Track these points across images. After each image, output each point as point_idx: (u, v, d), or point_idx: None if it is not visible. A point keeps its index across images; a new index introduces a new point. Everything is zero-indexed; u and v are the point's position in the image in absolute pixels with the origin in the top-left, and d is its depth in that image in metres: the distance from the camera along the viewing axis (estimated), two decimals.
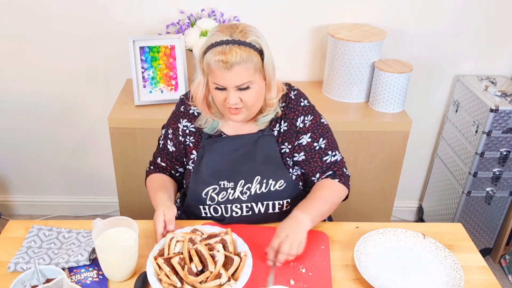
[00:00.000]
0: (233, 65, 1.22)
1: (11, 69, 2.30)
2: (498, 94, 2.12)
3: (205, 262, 1.16)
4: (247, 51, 1.23)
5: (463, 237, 1.42)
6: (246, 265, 1.18)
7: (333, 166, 1.46)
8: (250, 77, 1.26)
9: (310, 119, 1.43)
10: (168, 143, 1.51)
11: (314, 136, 1.43)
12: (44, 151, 2.52)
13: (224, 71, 1.23)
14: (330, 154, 1.45)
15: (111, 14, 2.18)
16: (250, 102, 1.31)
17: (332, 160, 1.45)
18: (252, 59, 1.24)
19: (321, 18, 2.23)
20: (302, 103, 1.43)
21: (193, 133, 1.46)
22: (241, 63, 1.23)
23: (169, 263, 1.17)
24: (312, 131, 1.43)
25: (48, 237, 1.35)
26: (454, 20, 2.23)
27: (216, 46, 1.23)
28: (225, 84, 1.26)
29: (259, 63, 1.27)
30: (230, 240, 1.24)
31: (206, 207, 1.43)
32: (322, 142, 1.44)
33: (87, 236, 1.36)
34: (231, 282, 1.14)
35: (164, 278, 1.15)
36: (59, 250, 1.31)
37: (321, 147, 1.44)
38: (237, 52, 1.22)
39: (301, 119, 1.42)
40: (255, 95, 1.30)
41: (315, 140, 1.43)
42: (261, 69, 1.29)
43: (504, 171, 2.19)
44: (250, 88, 1.28)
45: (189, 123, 1.46)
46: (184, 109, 1.47)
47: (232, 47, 1.22)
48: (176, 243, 1.23)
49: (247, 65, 1.24)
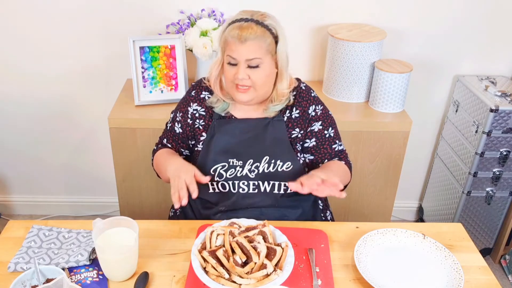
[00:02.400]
0: (247, 39, 1.31)
1: (11, 69, 2.30)
2: (498, 94, 2.12)
3: (248, 254, 1.19)
4: (262, 31, 1.33)
5: (463, 237, 1.42)
6: (289, 255, 1.21)
7: (340, 154, 1.56)
8: (261, 55, 1.34)
9: (321, 109, 1.52)
10: (175, 125, 1.56)
11: (325, 124, 1.53)
12: (44, 151, 2.52)
13: (238, 44, 1.32)
14: (337, 143, 1.55)
15: (111, 14, 2.18)
16: (258, 82, 1.37)
17: (339, 149, 1.56)
18: (266, 39, 1.33)
19: (321, 18, 2.23)
20: (312, 93, 1.53)
21: (203, 117, 1.51)
22: (254, 39, 1.32)
23: (214, 255, 1.19)
24: (323, 120, 1.52)
25: (48, 237, 1.35)
26: (454, 20, 2.23)
27: (236, 22, 1.34)
28: (237, 57, 1.34)
29: (272, 45, 1.36)
30: (269, 231, 1.27)
31: (214, 183, 1.47)
32: (331, 131, 1.54)
33: (87, 236, 1.36)
34: (278, 272, 1.17)
35: (211, 270, 1.17)
36: (59, 250, 1.31)
37: (331, 135, 1.53)
38: (253, 29, 1.32)
39: (312, 108, 1.50)
40: (264, 75, 1.37)
41: (325, 128, 1.53)
42: (274, 53, 1.37)
43: (504, 171, 2.19)
44: (260, 68, 1.36)
45: (199, 107, 1.51)
46: (195, 94, 1.53)
47: (250, 24, 1.33)
48: (217, 236, 1.25)
49: (260, 42, 1.33)
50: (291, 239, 1.31)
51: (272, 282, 1.14)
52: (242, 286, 1.14)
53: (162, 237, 1.37)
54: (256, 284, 1.14)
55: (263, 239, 1.24)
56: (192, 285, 1.20)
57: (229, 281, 1.15)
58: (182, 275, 1.24)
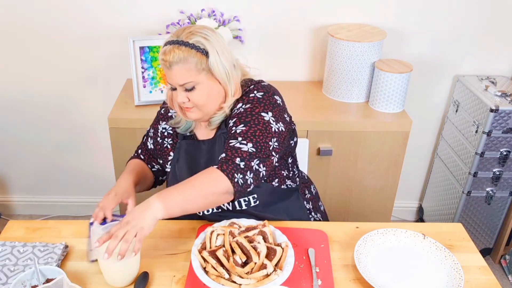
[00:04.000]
0: (172, 64, 1.26)
1: (11, 69, 2.30)
2: (498, 94, 2.12)
3: (248, 254, 1.19)
4: (186, 51, 1.26)
5: (463, 237, 1.42)
6: (289, 255, 1.21)
7: (229, 151, 1.27)
8: (192, 77, 1.28)
9: (245, 107, 1.34)
10: (148, 140, 1.56)
11: (238, 122, 1.33)
12: (44, 151, 2.52)
13: (167, 70, 1.29)
14: (237, 140, 1.28)
15: (111, 14, 2.18)
16: (199, 102, 1.32)
17: (234, 145, 1.27)
18: (191, 59, 1.26)
19: (321, 18, 2.23)
20: (252, 93, 1.36)
21: (171, 135, 1.50)
22: (178, 62, 1.26)
23: (214, 255, 1.19)
24: (239, 117, 1.33)
25: (1, 252, 1.28)
26: (454, 20, 2.23)
27: (163, 46, 1.30)
28: (171, 83, 1.31)
29: (202, 63, 1.28)
30: (269, 231, 1.27)
31: None
32: (241, 127, 1.30)
33: (44, 251, 1.28)
34: (278, 272, 1.17)
35: (211, 270, 1.17)
36: (14, 267, 1.24)
37: (236, 132, 1.31)
38: (175, 52, 1.25)
39: (237, 107, 1.36)
40: (203, 95, 1.31)
41: (235, 125, 1.32)
42: (207, 71, 1.29)
43: (504, 171, 2.19)
44: (196, 89, 1.30)
45: (167, 126, 1.50)
46: (164, 112, 1.52)
47: (172, 47, 1.26)
48: (217, 236, 1.25)
49: (186, 65, 1.26)
50: (291, 239, 1.31)
51: (272, 282, 1.14)
52: (242, 286, 1.14)
53: (162, 237, 1.37)
54: (256, 284, 1.14)
55: (263, 239, 1.24)
56: (192, 285, 1.20)
57: (229, 281, 1.15)
58: (182, 275, 1.24)
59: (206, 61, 1.28)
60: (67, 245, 1.32)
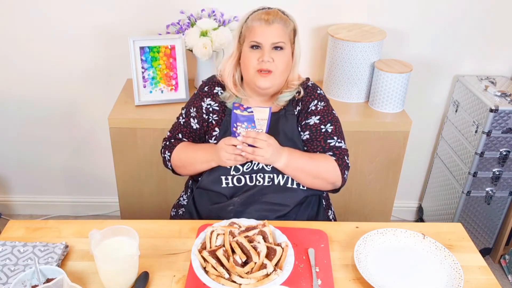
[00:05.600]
0: (274, 21, 1.40)
1: (11, 70, 2.30)
2: (498, 94, 2.12)
3: (248, 254, 1.19)
4: (285, 18, 1.43)
5: (463, 237, 1.42)
6: (289, 255, 1.22)
7: (335, 150, 1.49)
8: (285, 39, 1.42)
9: (323, 105, 1.52)
10: (191, 121, 1.57)
11: (323, 120, 1.50)
12: (44, 151, 2.52)
13: (264, 26, 1.40)
14: (335, 140, 1.50)
15: (111, 14, 2.18)
16: (280, 66, 1.42)
17: (336, 145, 1.49)
18: (289, 25, 1.43)
19: (321, 18, 2.23)
20: (318, 91, 1.55)
21: (216, 111, 1.53)
22: (280, 22, 1.41)
23: (214, 255, 1.19)
24: (322, 115, 1.51)
25: (1, 252, 1.28)
26: (454, 20, 2.23)
27: (260, 10, 1.44)
28: (262, 40, 1.40)
29: (292, 34, 1.44)
30: (269, 231, 1.27)
31: (229, 177, 1.48)
32: (330, 127, 1.50)
33: (44, 251, 1.28)
34: (278, 272, 1.17)
35: (211, 270, 1.17)
36: (15, 266, 1.24)
37: (328, 131, 1.50)
38: (278, 14, 1.42)
39: (314, 103, 1.51)
40: (286, 60, 1.44)
41: (323, 123, 1.50)
42: (292, 42, 1.45)
43: (504, 171, 2.19)
44: (283, 51, 1.42)
45: (213, 102, 1.53)
46: (208, 89, 1.55)
47: (275, 10, 1.44)
48: (217, 236, 1.26)
49: (284, 27, 1.42)
50: (291, 239, 1.31)
51: (272, 282, 1.15)
52: (242, 286, 1.14)
53: (162, 237, 1.37)
54: (256, 284, 1.14)
55: (263, 239, 1.25)
56: (192, 285, 1.20)
57: (229, 281, 1.15)
58: (182, 275, 1.24)
59: (294, 35, 1.46)
60: (67, 245, 1.32)
